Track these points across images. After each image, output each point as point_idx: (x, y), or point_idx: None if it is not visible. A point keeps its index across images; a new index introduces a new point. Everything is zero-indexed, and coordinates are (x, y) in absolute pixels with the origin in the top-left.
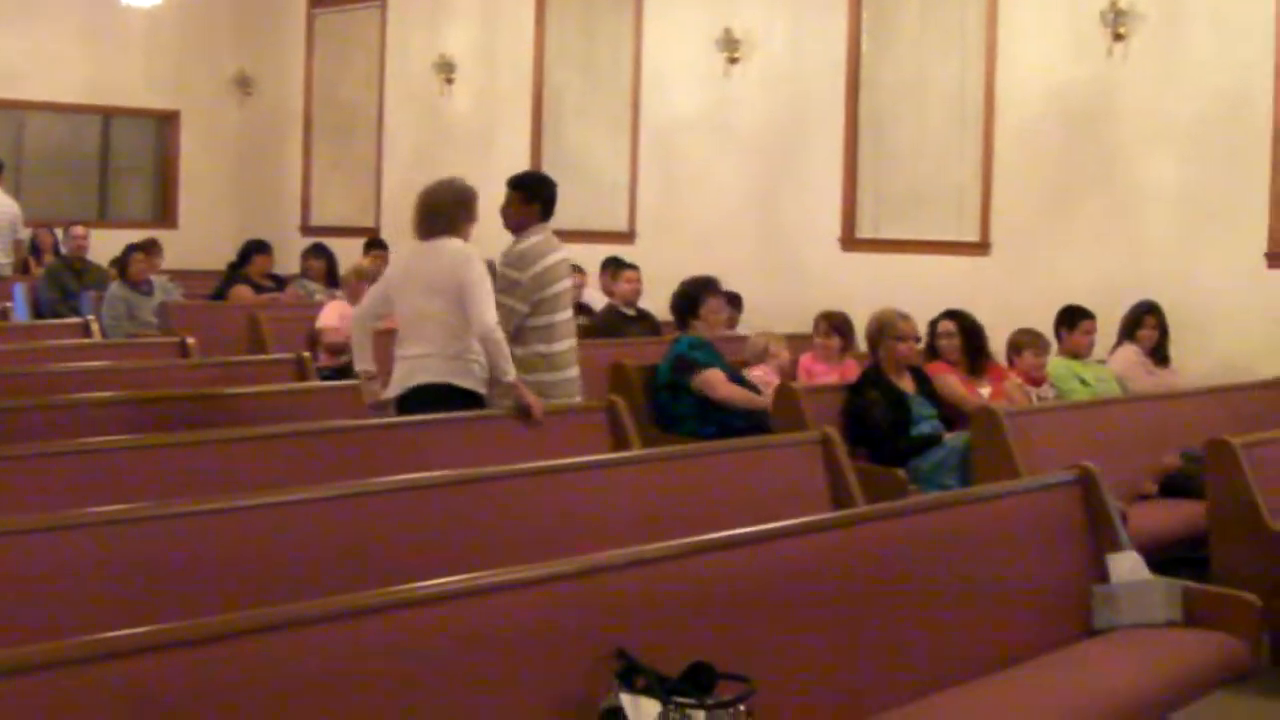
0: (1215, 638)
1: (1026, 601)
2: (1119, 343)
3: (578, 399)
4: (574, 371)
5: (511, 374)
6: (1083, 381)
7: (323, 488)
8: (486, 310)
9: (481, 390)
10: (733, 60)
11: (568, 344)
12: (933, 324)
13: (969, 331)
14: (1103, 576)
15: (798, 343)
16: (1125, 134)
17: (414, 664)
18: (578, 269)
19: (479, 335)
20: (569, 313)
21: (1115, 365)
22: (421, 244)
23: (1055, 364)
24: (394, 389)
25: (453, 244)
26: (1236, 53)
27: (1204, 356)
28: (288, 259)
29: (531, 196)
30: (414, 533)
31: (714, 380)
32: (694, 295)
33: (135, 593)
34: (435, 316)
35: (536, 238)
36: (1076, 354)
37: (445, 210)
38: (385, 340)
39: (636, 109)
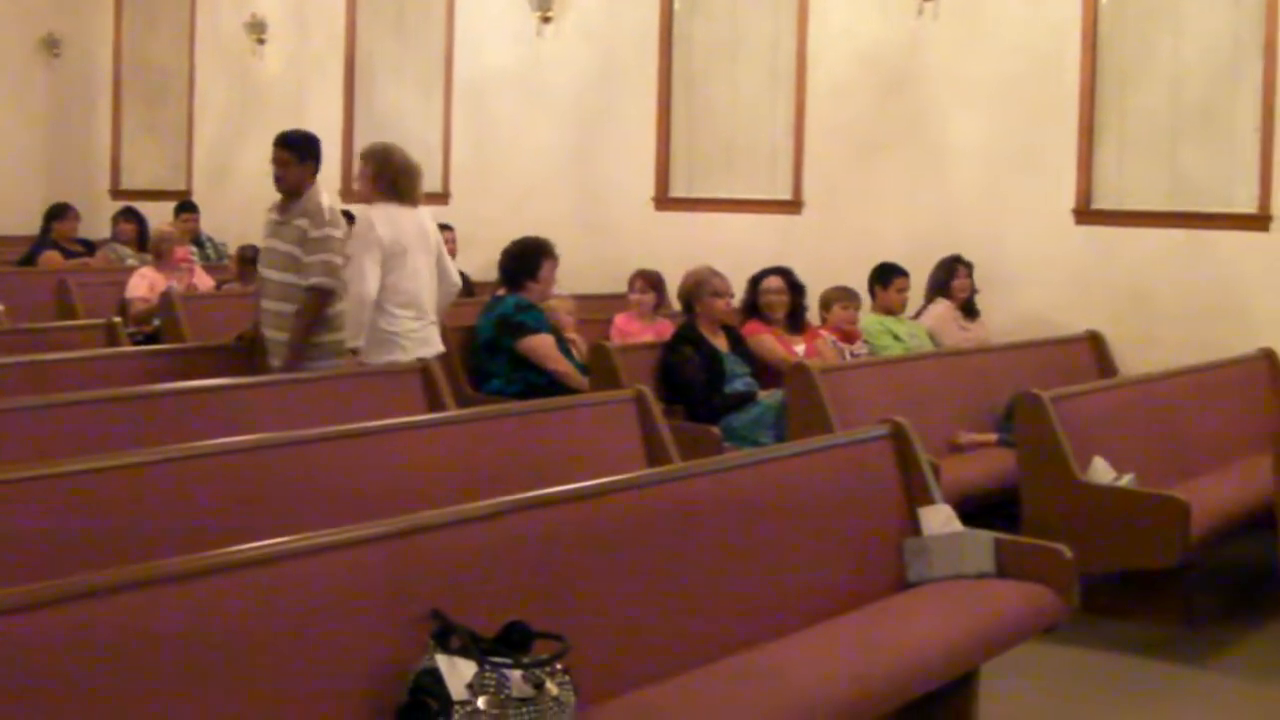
0: (1027, 588)
1: (840, 556)
2: (930, 298)
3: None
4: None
5: None
6: (895, 337)
7: (136, 453)
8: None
9: None
10: (545, 19)
11: None
12: (755, 281)
13: (794, 289)
14: (915, 530)
15: (612, 302)
16: (935, 92)
17: (227, 629)
18: None
19: (455, 290)
20: None
21: (929, 321)
22: (409, 209)
23: (869, 320)
24: (415, 356)
25: (425, 209)
26: (1045, 12)
27: (1013, 311)
28: (99, 223)
29: (305, 155)
30: (228, 497)
31: (547, 351)
32: (531, 258)
33: None
34: (432, 279)
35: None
36: (890, 310)
37: (421, 176)
38: None
39: (449, 69)
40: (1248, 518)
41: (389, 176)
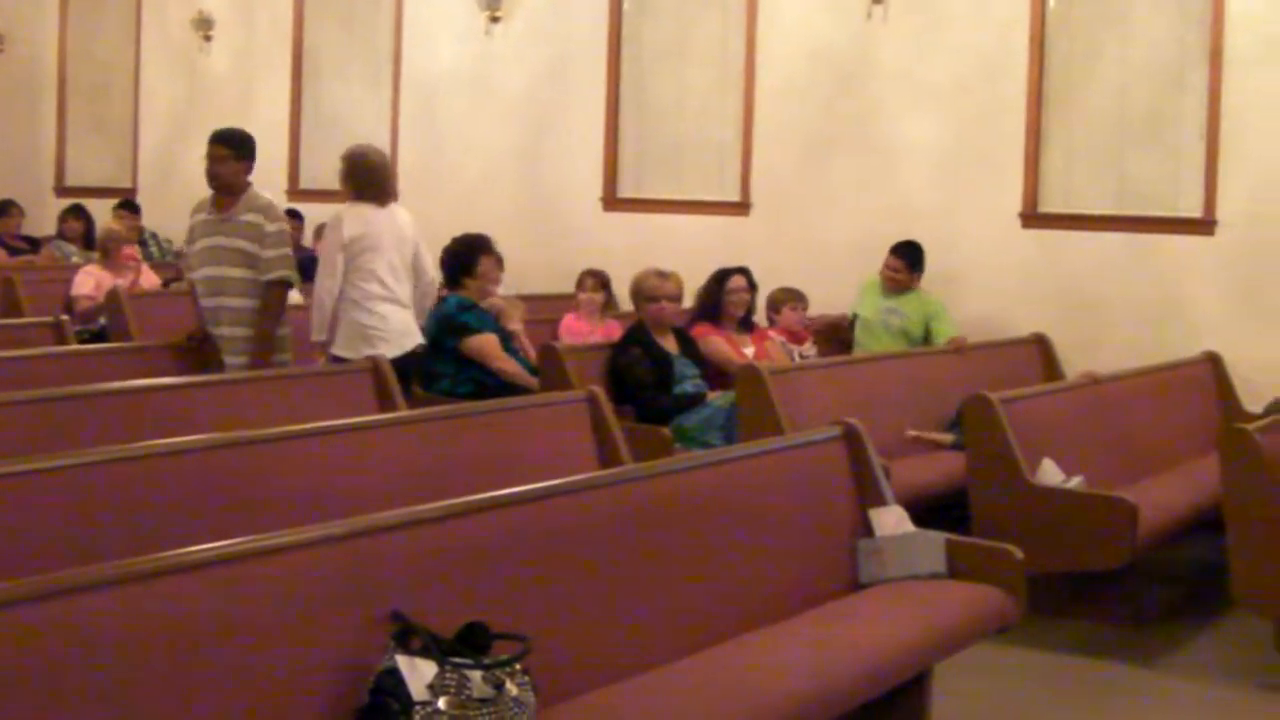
0: (978, 589)
1: (793, 557)
2: None
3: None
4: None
5: None
6: (857, 312)
7: (86, 453)
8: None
9: None
10: (494, 18)
11: None
12: (720, 280)
13: (752, 289)
14: (868, 531)
15: (560, 302)
16: (884, 94)
17: (186, 631)
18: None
19: (432, 287)
20: None
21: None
22: (382, 209)
23: (870, 279)
24: (397, 348)
25: (400, 208)
26: (993, 14)
27: (959, 313)
28: (44, 220)
29: (241, 153)
30: (178, 497)
31: (490, 350)
32: (468, 254)
33: None
34: (407, 274)
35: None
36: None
37: (391, 175)
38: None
39: (398, 67)
40: (1195, 518)
41: (358, 177)
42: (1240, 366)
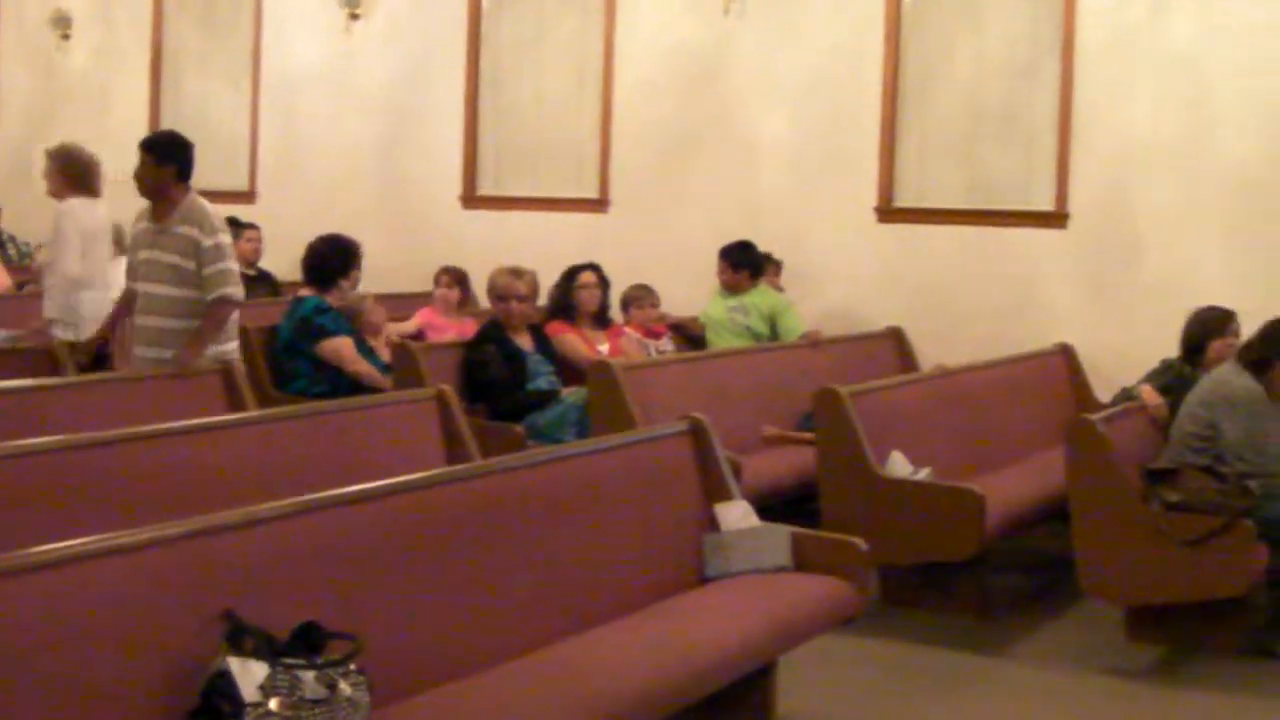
0: (823, 581)
1: (640, 551)
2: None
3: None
4: None
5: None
6: (709, 314)
7: None
8: None
9: None
10: (354, 16)
11: None
12: (570, 275)
13: (604, 285)
14: (714, 525)
15: (418, 300)
16: (741, 92)
17: (13, 632)
18: None
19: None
20: None
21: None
22: (96, 200)
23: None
24: (87, 332)
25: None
26: (849, 10)
27: (816, 307)
28: None
29: (164, 158)
30: (23, 498)
31: (345, 353)
32: (347, 258)
33: None
34: (109, 262)
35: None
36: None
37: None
38: None
39: (257, 64)
40: (1043, 509)
41: (78, 172)
42: (1093, 357)
